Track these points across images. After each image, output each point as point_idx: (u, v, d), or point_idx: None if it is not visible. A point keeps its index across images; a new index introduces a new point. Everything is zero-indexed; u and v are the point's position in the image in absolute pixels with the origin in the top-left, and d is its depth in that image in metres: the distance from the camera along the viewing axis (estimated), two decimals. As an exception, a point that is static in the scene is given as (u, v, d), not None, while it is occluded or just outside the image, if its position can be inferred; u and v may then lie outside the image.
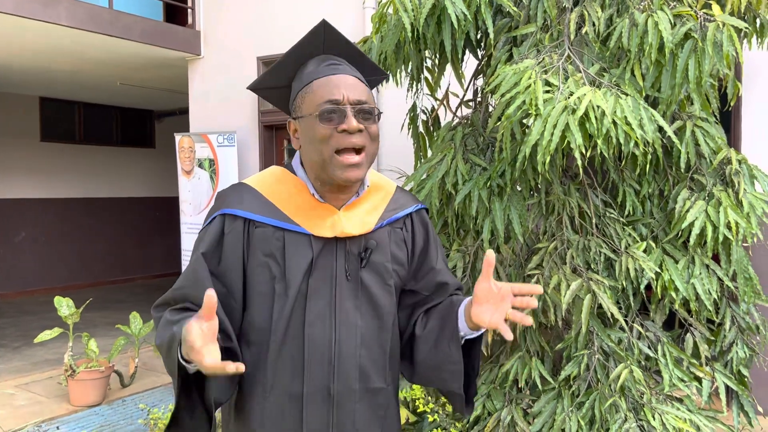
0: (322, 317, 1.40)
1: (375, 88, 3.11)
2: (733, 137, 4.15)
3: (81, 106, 10.02)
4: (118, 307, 8.39)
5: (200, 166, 6.39)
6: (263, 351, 1.41)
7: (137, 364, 5.24)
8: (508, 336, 1.24)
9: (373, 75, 1.54)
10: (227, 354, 1.32)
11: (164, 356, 1.32)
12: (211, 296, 1.14)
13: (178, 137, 6.54)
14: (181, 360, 1.24)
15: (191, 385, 1.32)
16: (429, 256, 1.56)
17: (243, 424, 1.45)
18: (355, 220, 1.43)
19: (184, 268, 7.13)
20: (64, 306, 4.71)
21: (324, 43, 1.43)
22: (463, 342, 1.45)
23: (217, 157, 6.27)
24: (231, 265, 1.40)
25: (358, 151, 1.35)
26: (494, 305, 1.30)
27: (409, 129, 3.19)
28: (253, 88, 1.53)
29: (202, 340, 1.14)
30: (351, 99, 1.34)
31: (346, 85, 1.36)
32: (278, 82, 1.48)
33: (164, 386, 5.17)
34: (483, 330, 1.42)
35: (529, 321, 1.24)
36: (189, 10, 6.74)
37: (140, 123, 11.04)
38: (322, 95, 1.35)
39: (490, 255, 1.29)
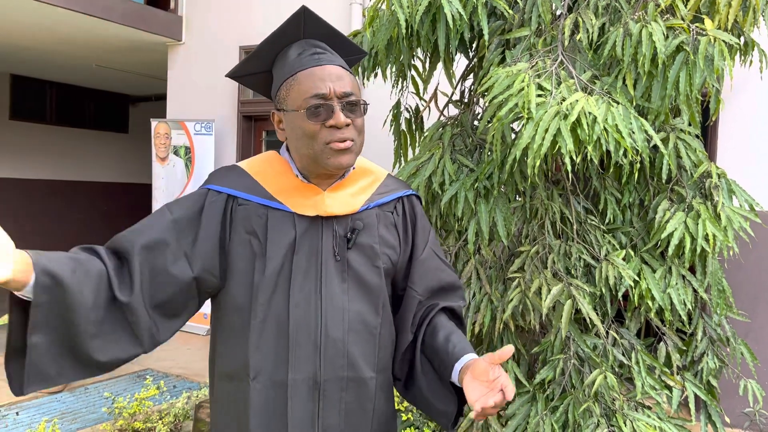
0: (307, 298, 1.37)
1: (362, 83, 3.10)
2: (709, 152, 4.22)
3: (54, 86, 9.77)
4: (83, 292, 8.21)
5: (176, 153, 6.29)
6: (245, 334, 1.37)
7: (102, 352, 5.13)
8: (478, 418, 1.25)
9: (354, 55, 1.52)
10: (119, 310, 1.31)
11: None
12: None
13: (154, 123, 6.43)
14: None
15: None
16: (416, 245, 1.53)
17: (228, 415, 1.41)
18: (339, 200, 1.41)
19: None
20: (30, 289, 4.58)
21: (304, 28, 1.39)
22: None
23: (193, 145, 6.18)
24: (207, 234, 1.38)
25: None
26: (486, 388, 1.26)
27: (391, 126, 3.17)
28: (232, 75, 1.49)
29: None
30: (338, 92, 1.33)
31: (332, 77, 1.33)
32: (258, 68, 1.46)
33: (129, 375, 5.08)
34: None
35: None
36: (172, -6, 6.64)
37: (115, 107, 10.81)
38: (307, 89, 1.32)
39: (507, 349, 1.24)
